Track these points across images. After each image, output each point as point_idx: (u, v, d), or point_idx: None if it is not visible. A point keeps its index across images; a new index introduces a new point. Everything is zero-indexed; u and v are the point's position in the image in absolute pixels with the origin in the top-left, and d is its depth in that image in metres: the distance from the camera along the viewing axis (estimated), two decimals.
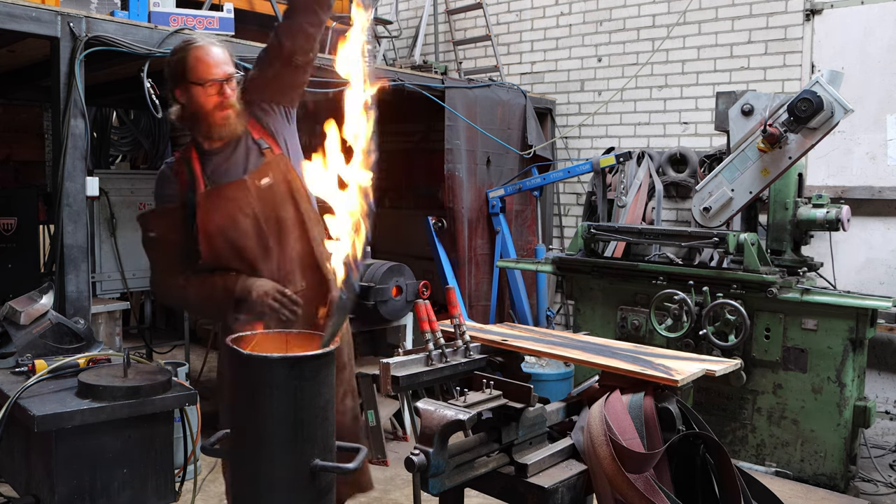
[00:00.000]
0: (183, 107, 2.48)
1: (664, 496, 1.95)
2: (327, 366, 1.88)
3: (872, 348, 4.76)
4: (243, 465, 1.88)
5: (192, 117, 2.45)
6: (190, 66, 2.39)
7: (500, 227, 5.75)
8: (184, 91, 2.43)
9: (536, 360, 4.86)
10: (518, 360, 2.56)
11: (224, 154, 2.48)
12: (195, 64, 2.38)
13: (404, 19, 7.66)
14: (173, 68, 2.43)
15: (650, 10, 5.98)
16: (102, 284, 5.36)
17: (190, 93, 2.40)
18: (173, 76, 2.43)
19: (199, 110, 2.41)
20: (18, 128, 6.47)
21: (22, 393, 2.49)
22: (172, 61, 2.43)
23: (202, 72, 2.38)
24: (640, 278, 4.37)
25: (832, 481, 3.88)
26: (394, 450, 4.65)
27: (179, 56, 2.42)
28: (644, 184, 5.55)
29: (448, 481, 1.87)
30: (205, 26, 4.12)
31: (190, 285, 2.48)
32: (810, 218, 4.23)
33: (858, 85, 4.90)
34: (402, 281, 4.69)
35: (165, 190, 2.49)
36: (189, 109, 2.44)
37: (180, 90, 2.44)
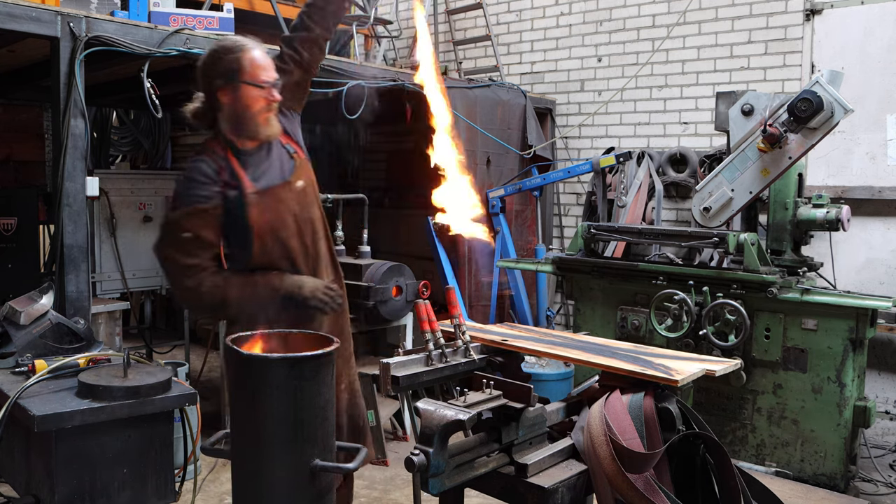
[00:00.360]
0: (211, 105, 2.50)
1: (664, 496, 1.95)
2: (327, 366, 1.89)
3: (872, 348, 4.76)
4: (243, 465, 1.89)
5: (235, 117, 2.46)
6: (244, 67, 2.42)
7: (500, 227, 5.75)
8: (232, 90, 2.44)
9: (536, 360, 4.86)
10: (518, 360, 2.55)
11: (260, 156, 2.52)
12: (250, 66, 2.42)
13: (404, 19, 7.66)
14: (223, 67, 2.43)
15: (650, 10, 5.98)
16: (102, 284, 5.36)
17: (239, 93, 2.43)
18: (223, 75, 2.43)
19: (246, 111, 2.44)
20: (18, 128, 6.47)
21: (22, 393, 2.50)
22: (224, 60, 2.43)
23: (257, 74, 2.42)
24: (640, 278, 4.37)
25: (832, 481, 3.88)
26: (394, 450, 4.66)
27: (233, 56, 2.43)
28: (644, 184, 5.55)
29: (448, 481, 1.87)
30: (205, 26, 4.12)
31: (230, 285, 2.42)
32: (810, 218, 4.23)
33: (858, 85, 4.90)
34: (402, 281, 4.69)
35: (202, 190, 2.40)
36: (234, 109, 2.45)
37: (228, 89, 2.44)
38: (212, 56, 2.47)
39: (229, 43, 2.48)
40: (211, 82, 2.46)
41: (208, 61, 2.47)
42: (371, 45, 7.15)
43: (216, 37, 4.01)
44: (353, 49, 6.34)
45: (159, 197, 5.74)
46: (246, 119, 2.45)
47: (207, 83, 2.47)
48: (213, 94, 2.47)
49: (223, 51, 2.45)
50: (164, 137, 7.83)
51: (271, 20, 5.29)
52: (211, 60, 2.47)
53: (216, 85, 2.45)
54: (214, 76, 2.45)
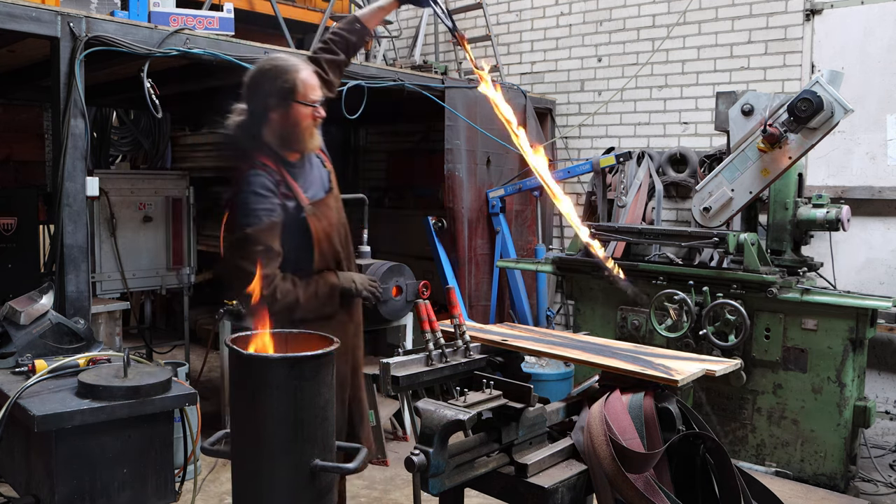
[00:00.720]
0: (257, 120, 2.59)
1: (664, 496, 1.95)
2: (327, 366, 1.88)
3: (872, 348, 4.76)
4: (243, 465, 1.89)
5: (285, 132, 2.58)
6: (297, 88, 2.55)
7: (500, 227, 5.75)
8: (286, 109, 2.55)
9: (536, 360, 4.86)
10: (518, 360, 2.56)
11: (305, 168, 2.67)
12: (303, 86, 2.56)
13: (404, 19, 7.66)
14: (278, 87, 2.54)
15: (650, 10, 5.98)
16: (102, 284, 5.36)
17: (292, 111, 2.55)
18: (277, 94, 2.54)
19: (296, 127, 2.58)
20: (18, 128, 6.47)
21: (22, 393, 2.50)
22: (279, 80, 2.54)
23: (308, 93, 2.57)
24: (640, 278, 4.37)
25: (832, 481, 3.88)
26: (394, 450, 4.66)
27: (288, 77, 2.55)
28: (644, 184, 5.55)
29: (448, 481, 1.87)
30: (205, 26, 4.12)
31: (299, 288, 2.54)
32: (810, 218, 4.23)
33: (858, 85, 4.90)
34: (402, 281, 4.69)
35: (267, 204, 2.50)
36: (284, 125, 2.57)
37: (281, 109, 2.55)
38: (266, 75, 2.58)
39: (283, 63, 2.59)
40: (264, 100, 2.56)
41: (262, 80, 2.58)
42: (371, 45, 7.15)
43: (216, 37, 4.02)
44: None
45: (159, 197, 5.73)
46: (295, 134, 2.59)
47: (259, 100, 2.57)
48: (263, 110, 2.57)
49: (278, 71, 2.56)
50: (164, 137, 7.83)
51: (271, 20, 5.29)
52: (265, 80, 2.57)
53: (270, 104, 2.56)
54: (268, 95, 2.55)
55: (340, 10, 6.22)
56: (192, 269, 5.93)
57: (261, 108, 2.58)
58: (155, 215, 5.67)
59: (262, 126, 2.60)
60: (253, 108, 2.60)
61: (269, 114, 2.57)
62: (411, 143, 7.70)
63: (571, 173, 5.61)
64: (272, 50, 4.23)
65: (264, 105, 2.57)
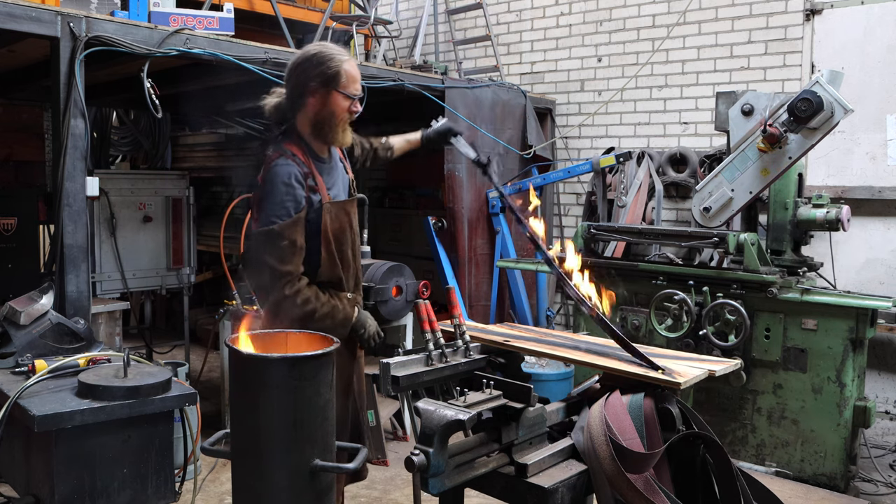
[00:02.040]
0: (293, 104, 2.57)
1: (664, 496, 1.95)
2: (327, 366, 1.88)
3: (872, 348, 4.75)
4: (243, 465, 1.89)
5: (320, 119, 2.55)
6: (341, 77, 2.53)
7: (500, 227, 5.75)
8: (325, 95, 2.53)
9: (536, 360, 4.86)
10: (518, 361, 2.55)
11: (330, 166, 2.65)
12: (346, 76, 2.54)
13: (404, 19, 7.66)
14: (322, 72, 2.51)
15: (650, 10, 5.98)
16: (102, 284, 5.36)
17: (331, 99, 2.53)
18: (320, 78, 2.51)
19: (332, 116, 2.55)
20: (18, 128, 6.47)
21: (22, 393, 2.50)
22: (325, 65, 2.52)
23: (349, 85, 2.56)
24: (640, 278, 4.37)
25: (832, 481, 3.88)
26: (394, 450, 4.65)
27: (334, 63, 2.52)
28: (644, 184, 5.55)
29: (448, 481, 1.87)
30: (205, 26, 4.12)
31: (318, 301, 2.50)
32: (810, 218, 4.23)
33: (858, 85, 4.90)
34: (402, 281, 4.68)
35: (293, 196, 2.45)
36: (321, 112, 2.55)
37: (322, 94, 2.53)
38: (311, 60, 2.54)
39: (329, 51, 2.56)
40: (305, 83, 2.53)
41: (306, 64, 2.54)
42: (371, 45, 7.15)
43: (216, 37, 4.01)
44: (354, 49, 6.34)
45: (159, 197, 5.74)
46: (330, 124, 2.56)
47: (300, 83, 2.54)
48: (302, 93, 2.54)
49: (325, 57, 2.53)
50: (164, 137, 7.83)
51: (271, 20, 5.29)
52: (310, 64, 2.54)
53: (310, 87, 2.52)
54: (311, 78, 2.52)
55: (340, 10, 6.22)
56: (192, 269, 5.93)
57: (300, 91, 2.54)
58: (155, 215, 5.67)
59: (298, 111, 2.57)
60: (292, 90, 2.57)
61: (308, 98, 2.54)
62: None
63: (571, 173, 5.62)
64: (272, 50, 4.24)
65: (304, 89, 2.53)
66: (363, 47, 7.25)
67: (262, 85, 4.27)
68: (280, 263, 2.42)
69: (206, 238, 7.07)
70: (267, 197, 2.45)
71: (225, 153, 8.22)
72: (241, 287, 4.69)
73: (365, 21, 5.99)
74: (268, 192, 2.45)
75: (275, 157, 2.50)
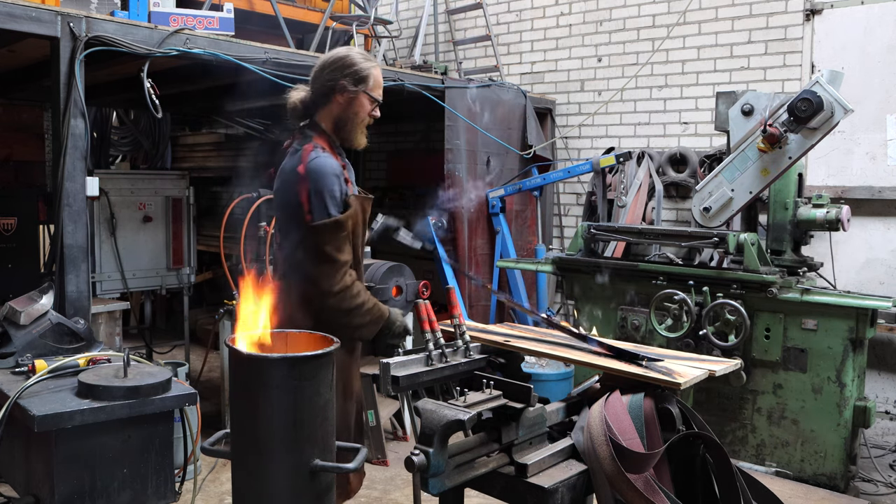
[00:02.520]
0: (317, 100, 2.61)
1: (664, 496, 1.95)
2: (327, 366, 1.88)
3: (872, 348, 4.75)
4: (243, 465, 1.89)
5: (343, 118, 2.61)
6: (370, 80, 2.61)
7: (500, 227, 5.75)
8: (353, 95, 2.58)
9: (536, 360, 4.86)
10: (518, 361, 2.55)
11: (346, 165, 2.68)
12: (374, 81, 2.63)
13: (404, 19, 7.66)
14: (355, 71, 2.58)
15: (650, 10, 5.98)
16: (102, 284, 5.36)
17: (358, 100, 2.59)
18: (352, 77, 2.57)
19: (355, 116, 2.62)
20: (18, 128, 6.47)
21: (22, 393, 2.50)
22: (358, 66, 2.59)
23: (377, 91, 2.65)
24: (640, 278, 4.37)
25: (832, 481, 3.88)
26: (394, 450, 4.65)
27: (367, 66, 2.61)
28: (644, 184, 5.55)
29: (448, 481, 1.87)
30: (205, 26, 4.12)
31: (367, 295, 2.56)
32: (810, 218, 4.23)
33: (858, 85, 4.90)
34: (402, 281, 4.68)
35: (342, 188, 2.52)
36: (345, 110, 2.61)
37: (349, 94, 2.58)
38: (343, 59, 2.61)
39: (362, 55, 2.65)
40: (335, 80, 2.57)
41: (340, 63, 2.60)
42: (371, 45, 7.15)
43: (216, 37, 4.01)
44: None
45: (159, 197, 5.74)
46: (352, 123, 2.62)
47: (331, 80, 2.58)
48: (331, 91, 2.59)
49: (356, 59, 2.61)
50: (164, 137, 7.83)
51: (271, 20, 5.29)
52: (342, 63, 2.60)
53: (340, 85, 2.57)
54: (343, 76, 2.57)
55: (340, 10, 6.22)
56: (192, 269, 5.93)
57: (328, 88, 2.59)
58: (155, 215, 5.67)
59: (321, 107, 2.61)
60: (320, 87, 2.61)
61: (335, 95, 2.58)
62: (411, 143, 7.71)
63: (571, 173, 5.62)
64: (272, 50, 4.23)
65: (333, 86, 2.58)
66: (363, 47, 7.25)
67: (262, 85, 4.29)
68: (339, 253, 2.47)
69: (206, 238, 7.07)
70: (322, 188, 2.47)
71: (225, 153, 8.22)
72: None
73: (365, 21, 5.99)
74: (322, 184, 2.47)
75: (310, 149, 2.52)
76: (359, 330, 2.57)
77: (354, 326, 2.54)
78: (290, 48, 4.68)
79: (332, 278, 2.47)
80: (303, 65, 4.40)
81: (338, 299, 2.48)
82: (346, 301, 2.49)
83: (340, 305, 2.49)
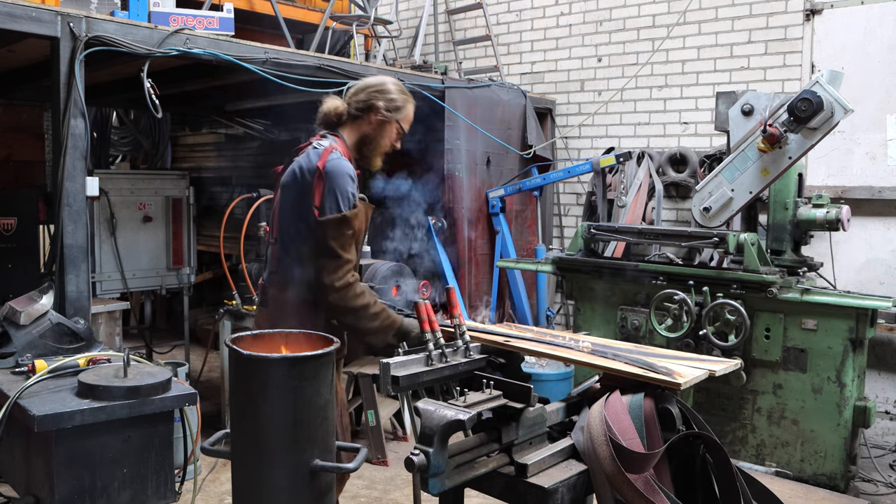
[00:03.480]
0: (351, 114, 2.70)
1: (664, 496, 1.95)
2: (327, 366, 1.89)
3: (872, 348, 4.75)
4: (243, 465, 1.89)
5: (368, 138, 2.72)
6: (405, 112, 2.76)
7: (500, 227, 5.75)
8: (384, 120, 2.70)
9: (536, 360, 4.86)
10: (518, 361, 2.55)
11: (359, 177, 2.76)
12: (407, 115, 2.78)
13: (404, 19, 7.66)
14: (395, 99, 2.72)
15: (650, 10, 5.98)
16: (102, 284, 5.36)
17: (387, 125, 2.72)
18: (391, 104, 2.70)
19: (380, 140, 2.74)
20: (18, 128, 6.47)
21: (22, 393, 2.50)
22: (401, 97, 2.74)
23: (407, 124, 2.79)
24: (640, 278, 4.37)
25: (832, 481, 3.88)
26: (394, 450, 4.66)
27: (407, 98, 2.76)
28: (644, 184, 5.55)
29: (448, 481, 1.87)
30: (205, 26, 4.12)
31: (371, 298, 2.59)
32: (810, 218, 4.23)
33: (858, 85, 4.90)
34: (402, 281, 4.69)
35: (354, 190, 2.59)
36: (373, 132, 2.72)
37: (381, 118, 2.69)
38: (386, 86, 2.73)
39: (401, 88, 2.78)
40: (372, 101, 2.68)
41: (381, 87, 2.72)
42: (371, 45, 7.15)
43: (216, 37, 4.01)
44: (353, 49, 6.34)
45: (159, 197, 5.74)
46: (374, 145, 2.74)
47: (368, 99, 2.69)
48: (366, 110, 2.69)
49: (400, 91, 2.76)
50: (164, 137, 7.83)
51: (271, 20, 5.29)
52: (384, 89, 2.72)
53: (377, 106, 2.68)
54: (384, 100, 2.69)
55: (340, 10, 6.22)
56: (192, 269, 5.93)
57: (364, 106, 2.69)
58: (155, 215, 5.67)
59: (351, 122, 2.71)
60: (356, 104, 2.70)
61: (368, 115, 2.69)
62: (411, 142, 7.70)
63: (571, 173, 5.62)
64: (272, 50, 4.24)
65: (368, 106, 2.68)
66: (363, 47, 7.25)
67: (262, 85, 4.29)
68: (342, 250, 2.52)
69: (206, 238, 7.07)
70: (336, 186, 2.53)
71: (225, 153, 8.22)
72: (241, 287, 4.69)
73: (365, 21, 5.99)
74: (336, 182, 2.53)
75: (331, 149, 2.59)
76: (368, 335, 2.60)
77: (362, 330, 2.57)
78: (290, 48, 4.68)
79: (333, 273, 2.50)
80: (303, 65, 4.40)
81: (340, 296, 2.51)
82: (349, 299, 2.52)
83: (344, 303, 2.52)
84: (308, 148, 2.65)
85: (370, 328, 2.56)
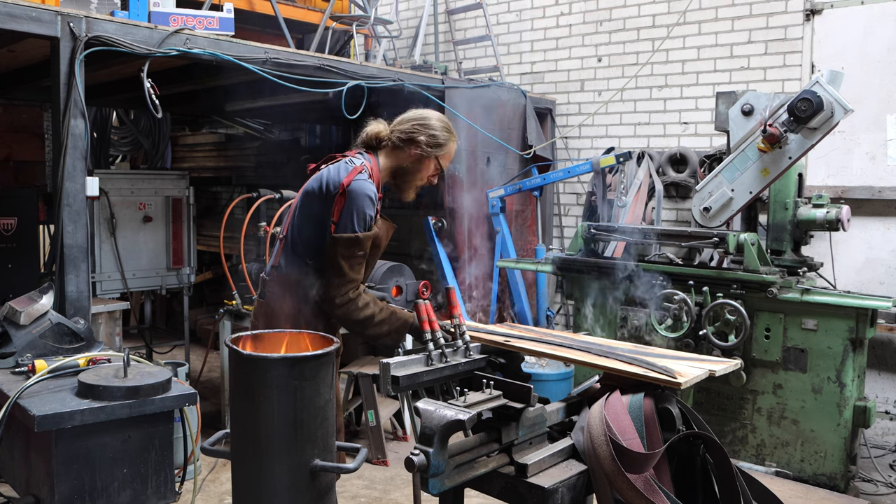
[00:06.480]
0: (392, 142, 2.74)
1: (664, 496, 1.95)
2: (327, 366, 1.89)
3: (872, 348, 4.76)
4: (243, 465, 1.89)
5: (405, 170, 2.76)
6: (446, 150, 2.77)
7: (500, 227, 5.75)
8: (424, 154, 2.72)
9: (536, 360, 4.86)
10: (518, 361, 2.55)
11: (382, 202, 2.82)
12: (448, 154, 2.80)
13: (404, 19, 7.66)
14: (439, 135, 2.74)
15: (650, 10, 5.98)
16: (102, 284, 5.36)
17: (426, 160, 2.74)
18: (434, 139, 2.72)
19: (416, 173, 2.77)
20: (18, 128, 6.47)
21: (22, 393, 2.50)
22: (445, 134, 2.76)
23: (445, 161, 2.81)
24: (640, 278, 4.36)
25: (832, 481, 3.88)
26: (394, 450, 4.66)
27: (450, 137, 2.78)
28: (644, 184, 5.55)
29: (448, 481, 1.87)
30: (205, 26, 4.12)
31: (376, 306, 2.63)
32: (810, 218, 4.23)
33: (858, 85, 4.90)
34: (402, 281, 4.69)
35: (372, 212, 2.62)
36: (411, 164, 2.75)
37: (422, 152, 2.71)
38: (434, 121, 2.76)
39: (447, 125, 2.80)
40: (416, 136, 2.71)
41: (426, 121, 2.75)
42: (371, 45, 7.15)
43: (216, 37, 4.01)
44: (353, 49, 6.34)
45: (159, 197, 5.74)
46: (410, 177, 2.78)
47: (411, 131, 2.72)
48: (408, 141, 2.72)
49: (448, 128, 2.79)
50: (164, 137, 7.84)
51: (271, 20, 5.29)
52: (428, 124, 2.75)
53: (419, 140, 2.71)
54: (426, 135, 2.72)
55: (340, 10, 6.22)
56: (192, 269, 5.93)
57: (406, 137, 2.72)
58: (155, 215, 5.67)
59: (389, 149, 2.74)
60: (400, 133, 2.73)
61: (409, 147, 2.71)
62: None
63: (571, 173, 5.61)
64: (272, 50, 4.23)
65: (411, 138, 2.71)
66: (363, 47, 7.25)
67: (262, 85, 4.29)
68: (351, 270, 2.57)
69: (206, 238, 7.07)
70: (355, 206, 2.57)
71: (225, 153, 8.22)
72: (241, 287, 4.69)
73: (365, 21, 5.99)
74: (356, 203, 2.57)
75: (360, 169, 2.63)
76: (379, 339, 2.65)
77: (374, 337, 2.65)
78: (290, 48, 4.68)
79: (336, 289, 2.56)
80: (303, 65, 4.40)
81: (342, 311, 2.58)
82: (352, 313, 2.58)
83: (348, 316, 2.59)
84: (341, 161, 2.69)
85: (380, 333, 2.62)
